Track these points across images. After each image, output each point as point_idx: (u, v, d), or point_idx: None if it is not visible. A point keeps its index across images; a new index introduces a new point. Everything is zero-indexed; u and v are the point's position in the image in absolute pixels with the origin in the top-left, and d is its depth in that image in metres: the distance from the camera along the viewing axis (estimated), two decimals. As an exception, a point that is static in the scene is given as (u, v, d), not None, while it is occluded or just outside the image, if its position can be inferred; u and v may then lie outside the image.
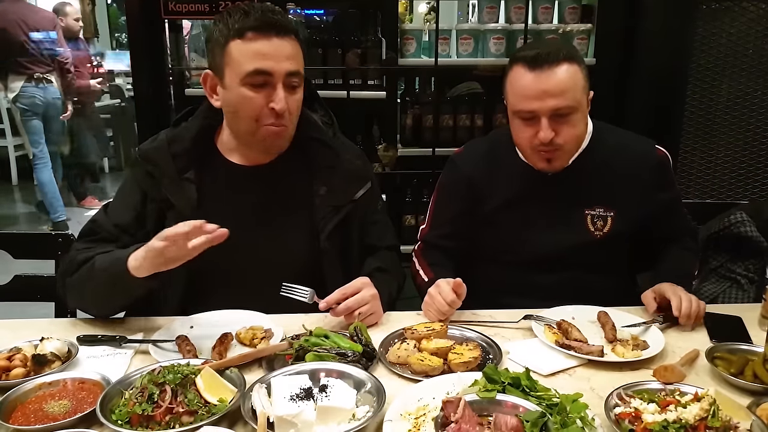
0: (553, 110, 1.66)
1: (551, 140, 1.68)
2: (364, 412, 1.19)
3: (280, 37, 1.56)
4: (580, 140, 1.77)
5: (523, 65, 1.68)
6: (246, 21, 1.54)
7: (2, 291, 2.00)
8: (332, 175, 1.74)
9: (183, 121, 1.76)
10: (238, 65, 1.55)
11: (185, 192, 1.66)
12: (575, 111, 1.68)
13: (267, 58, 1.55)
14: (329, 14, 3.40)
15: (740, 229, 2.08)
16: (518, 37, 3.15)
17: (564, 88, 1.65)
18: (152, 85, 2.98)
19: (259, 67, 1.54)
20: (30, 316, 1.71)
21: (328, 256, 1.73)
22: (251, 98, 1.57)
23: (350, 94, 3.10)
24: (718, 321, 1.65)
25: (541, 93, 1.65)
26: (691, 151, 2.97)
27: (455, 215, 1.94)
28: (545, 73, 1.65)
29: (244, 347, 1.48)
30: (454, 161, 1.98)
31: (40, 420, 1.19)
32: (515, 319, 1.64)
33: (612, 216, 1.81)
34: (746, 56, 2.84)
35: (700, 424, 1.09)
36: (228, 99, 1.61)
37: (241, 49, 1.55)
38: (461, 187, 1.92)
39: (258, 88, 1.56)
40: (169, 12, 2.87)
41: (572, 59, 1.67)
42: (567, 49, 1.70)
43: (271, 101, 1.57)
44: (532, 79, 1.66)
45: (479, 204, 1.90)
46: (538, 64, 1.65)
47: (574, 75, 1.67)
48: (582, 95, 1.69)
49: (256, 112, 1.59)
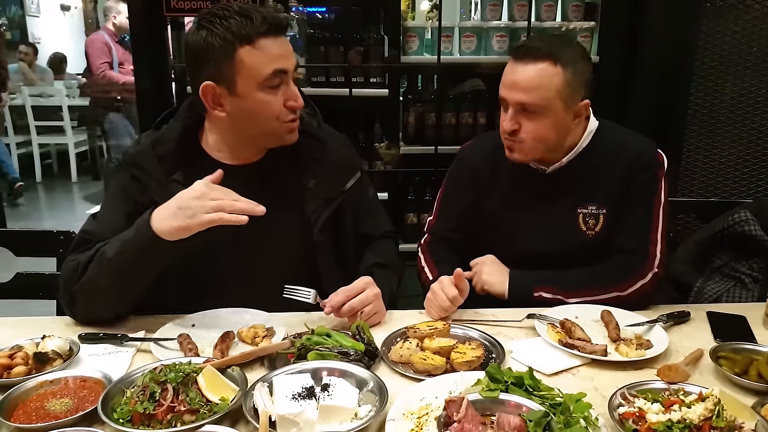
0: (518, 103, 1.69)
1: (513, 131, 1.72)
2: (366, 411, 1.19)
3: (283, 36, 1.58)
4: (546, 141, 1.73)
5: (511, 54, 1.74)
6: (251, 26, 1.51)
7: (4, 288, 2.01)
8: (321, 167, 1.73)
9: (164, 123, 1.74)
10: (255, 71, 1.53)
11: (174, 194, 1.61)
12: (543, 111, 1.68)
13: (281, 59, 1.56)
14: (331, 12, 3.39)
15: (744, 228, 2.07)
16: (521, 35, 3.15)
17: (532, 86, 1.66)
18: (154, 82, 2.98)
19: (278, 68, 1.55)
20: (31, 314, 1.71)
21: (322, 249, 1.73)
22: (270, 101, 1.57)
23: (352, 92, 3.10)
24: (722, 320, 1.64)
25: (512, 83, 1.70)
26: (695, 149, 2.96)
27: (461, 208, 1.95)
28: (520, 66, 1.69)
29: (245, 346, 1.48)
30: (461, 153, 2.01)
31: (42, 418, 1.19)
32: (518, 318, 1.63)
33: (604, 214, 1.79)
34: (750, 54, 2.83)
35: (705, 424, 1.09)
36: (242, 107, 1.59)
37: (255, 54, 1.53)
38: (467, 179, 1.94)
39: (275, 89, 1.57)
40: (171, 9, 2.87)
41: (557, 61, 1.65)
42: (562, 50, 1.67)
43: (288, 99, 1.59)
44: (510, 68, 1.72)
45: (484, 198, 1.91)
46: (519, 56, 1.70)
47: (550, 76, 1.65)
48: (555, 98, 1.67)
49: (276, 114, 1.59)
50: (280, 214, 1.71)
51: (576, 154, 1.80)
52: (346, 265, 1.79)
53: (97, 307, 1.58)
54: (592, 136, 1.81)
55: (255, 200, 1.63)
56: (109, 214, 1.66)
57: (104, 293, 1.54)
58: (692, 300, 2.09)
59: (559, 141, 1.76)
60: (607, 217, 1.79)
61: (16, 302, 1.98)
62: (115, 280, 1.51)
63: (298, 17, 3.20)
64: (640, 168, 1.77)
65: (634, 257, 1.76)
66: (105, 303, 1.58)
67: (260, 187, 1.69)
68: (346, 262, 1.79)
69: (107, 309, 1.60)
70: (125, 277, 1.51)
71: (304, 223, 1.72)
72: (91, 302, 1.57)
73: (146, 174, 1.63)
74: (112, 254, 1.48)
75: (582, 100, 1.72)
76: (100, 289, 1.53)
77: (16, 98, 7.58)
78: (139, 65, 3.01)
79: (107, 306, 1.59)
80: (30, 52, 8.40)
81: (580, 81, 1.70)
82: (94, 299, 1.56)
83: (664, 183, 1.79)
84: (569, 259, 1.79)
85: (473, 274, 1.80)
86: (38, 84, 8.11)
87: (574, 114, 1.73)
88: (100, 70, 5.41)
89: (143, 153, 1.66)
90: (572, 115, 1.72)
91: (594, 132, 1.81)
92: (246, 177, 1.69)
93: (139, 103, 3.10)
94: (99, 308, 1.59)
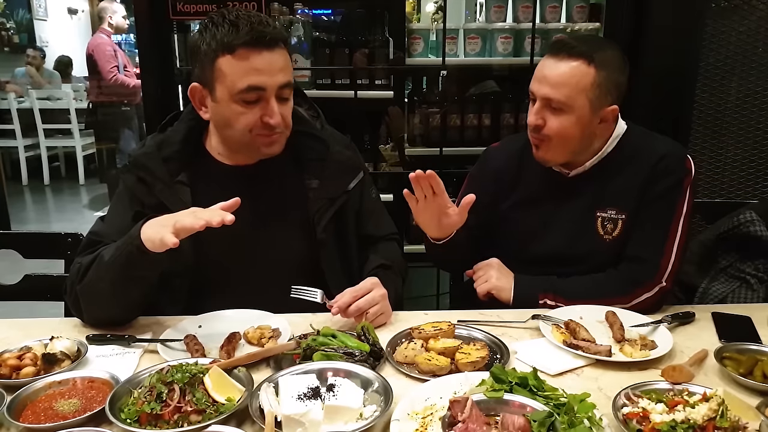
0: (545, 97, 1.69)
1: (537, 127, 1.72)
2: (371, 411, 1.19)
3: (270, 50, 1.52)
4: (571, 140, 1.71)
5: (549, 49, 1.74)
6: (235, 35, 1.49)
7: (12, 290, 2.02)
8: (323, 168, 1.74)
9: (169, 126, 1.75)
10: (230, 82, 1.52)
11: (179, 195, 1.64)
12: (568, 109, 1.67)
13: (260, 74, 1.51)
14: (337, 14, 3.40)
15: (750, 229, 2.06)
16: (526, 37, 3.15)
17: (561, 82, 1.66)
18: (160, 85, 2.99)
19: (253, 84, 1.52)
20: (40, 316, 1.72)
21: (326, 248, 1.74)
22: (243, 113, 1.56)
23: (357, 94, 3.10)
24: (727, 321, 1.64)
25: (542, 77, 1.71)
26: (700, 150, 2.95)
27: (480, 208, 1.94)
28: (553, 61, 1.69)
29: (252, 346, 1.49)
30: (487, 153, 2.02)
31: (50, 418, 1.20)
32: (523, 319, 1.63)
33: (623, 219, 1.77)
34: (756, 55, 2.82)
35: (709, 424, 1.09)
36: (219, 113, 1.59)
37: (233, 65, 1.51)
38: (488, 180, 1.94)
39: (251, 104, 1.55)
40: (177, 13, 2.89)
41: (591, 61, 1.65)
42: (598, 52, 1.66)
43: (265, 115, 1.56)
44: (544, 62, 1.72)
45: (503, 199, 1.91)
46: (555, 51, 1.70)
47: (581, 75, 1.65)
48: (582, 97, 1.66)
49: (249, 126, 1.58)
50: (283, 215, 1.73)
51: (600, 159, 1.78)
52: (350, 265, 1.80)
53: (99, 309, 1.59)
54: (618, 141, 1.79)
55: (258, 201, 1.64)
56: (115, 217, 1.67)
57: (104, 296, 1.55)
58: (697, 301, 2.08)
59: (584, 143, 1.74)
60: (626, 223, 1.77)
61: (25, 304, 2.00)
62: (111, 284, 1.51)
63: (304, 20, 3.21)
64: (663, 173, 1.73)
65: (643, 269, 1.72)
66: (106, 305, 1.58)
67: (262, 188, 1.71)
68: (349, 262, 1.80)
69: (109, 311, 1.59)
70: (121, 281, 1.51)
71: (307, 223, 1.72)
72: (93, 304, 1.58)
73: (152, 175, 1.65)
74: (108, 259, 1.50)
75: (610, 105, 1.71)
76: (100, 292, 1.54)
77: (24, 101, 7.64)
78: (145, 68, 3.02)
79: (109, 308, 1.59)
80: (37, 56, 8.47)
81: (611, 85, 1.69)
82: (95, 301, 1.57)
83: (689, 192, 1.74)
84: (583, 262, 1.79)
85: (477, 277, 1.80)
86: (46, 87, 8.16)
87: (601, 118, 1.71)
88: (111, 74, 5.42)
89: (149, 154, 1.67)
90: (598, 118, 1.71)
91: (621, 136, 1.79)
92: (248, 178, 1.70)
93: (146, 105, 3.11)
94: (101, 310, 1.59)
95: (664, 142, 1.81)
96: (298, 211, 1.73)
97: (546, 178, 1.84)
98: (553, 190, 1.84)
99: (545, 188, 1.85)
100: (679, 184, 1.74)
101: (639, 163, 1.76)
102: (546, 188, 1.85)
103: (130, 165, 1.69)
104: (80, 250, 1.64)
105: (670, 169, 1.74)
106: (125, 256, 1.47)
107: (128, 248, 1.46)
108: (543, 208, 1.86)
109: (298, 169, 1.75)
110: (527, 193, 1.88)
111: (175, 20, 2.96)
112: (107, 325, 1.60)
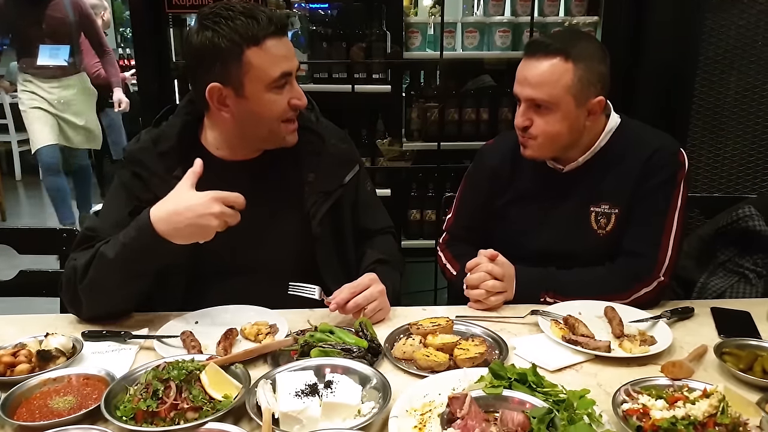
0: (529, 99, 1.70)
1: (524, 127, 1.73)
2: (369, 408, 1.19)
3: (286, 36, 1.59)
4: (558, 137, 1.71)
5: (525, 50, 1.75)
6: (258, 27, 1.51)
7: (7, 286, 2.01)
8: (319, 161, 1.73)
9: (163, 120, 1.73)
10: (263, 73, 1.54)
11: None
12: (553, 107, 1.67)
13: (287, 60, 1.57)
14: (334, 8, 3.39)
15: (748, 224, 2.06)
16: (524, 30, 3.14)
17: (541, 81, 1.66)
18: (157, 80, 2.98)
19: (285, 70, 1.56)
20: (35, 312, 1.71)
21: (321, 242, 1.73)
22: (276, 101, 1.58)
23: (355, 88, 3.09)
24: (727, 316, 1.64)
25: (523, 79, 1.71)
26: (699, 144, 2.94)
27: (477, 206, 1.95)
28: (531, 62, 1.69)
29: (249, 343, 1.48)
30: (481, 153, 2.01)
31: (45, 416, 1.19)
32: (521, 315, 1.63)
33: (616, 213, 1.77)
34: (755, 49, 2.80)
35: (709, 420, 1.08)
36: (248, 108, 1.59)
37: (262, 56, 1.53)
38: (484, 179, 1.94)
39: (281, 89, 1.58)
40: (173, 6, 2.87)
41: (568, 57, 1.64)
42: (574, 46, 1.66)
43: (293, 98, 1.60)
44: (522, 64, 1.72)
45: (500, 196, 1.91)
46: (531, 52, 1.70)
47: (560, 73, 1.65)
48: (565, 94, 1.65)
49: (280, 113, 1.60)
50: (279, 209, 1.72)
51: (593, 153, 1.78)
52: (346, 259, 1.80)
53: (103, 306, 1.60)
54: (612, 134, 1.78)
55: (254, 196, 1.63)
56: (111, 212, 1.67)
57: (111, 293, 1.56)
58: (696, 296, 2.08)
59: (573, 138, 1.74)
60: (619, 217, 1.77)
61: (20, 300, 1.98)
62: (121, 281, 1.53)
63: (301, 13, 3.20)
64: (657, 167, 1.73)
65: (641, 263, 1.72)
66: (112, 302, 1.59)
67: (260, 182, 1.70)
68: (345, 256, 1.80)
69: (114, 307, 1.61)
70: (132, 277, 1.54)
71: (303, 217, 1.72)
72: (98, 302, 1.58)
73: (148, 171, 1.64)
74: (113, 256, 1.49)
75: (596, 97, 1.70)
76: (107, 290, 1.55)
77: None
78: (141, 62, 3.00)
79: (114, 304, 1.60)
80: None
81: (593, 77, 1.67)
82: (101, 299, 1.57)
83: (683, 185, 1.74)
84: (578, 258, 1.78)
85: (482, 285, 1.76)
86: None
87: (588, 111, 1.71)
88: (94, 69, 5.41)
89: (144, 149, 1.66)
90: (585, 111, 1.70)
91: (614, 130, 1.78)
92: (245, 173, 1.69)
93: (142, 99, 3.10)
94: (105, 307, 1.60)
95: (657, 136, 1.80)
96: (294, 206, 1.73)
97: (540, 174, 1.84)
98: (547, 186, 1.84)
99: (540, 185, 1.85)
100: (673, 177, 1.74)
101: (632, 157, 1.76)
102: (541, 185, 1.85)
103: (125, 160, 1.68)
104: (75, 246, 1.63)
105: (663, 163, 1.74)
106: (140, 250, 1.48)
107: (142, 242, 1.47)
108: (538, 205, 1.85)
109: (294, 164, 1.74)
110: (522, 190, 1.88)
111: (171, 14, 2.95)
112: (106, 319, 1.60)
